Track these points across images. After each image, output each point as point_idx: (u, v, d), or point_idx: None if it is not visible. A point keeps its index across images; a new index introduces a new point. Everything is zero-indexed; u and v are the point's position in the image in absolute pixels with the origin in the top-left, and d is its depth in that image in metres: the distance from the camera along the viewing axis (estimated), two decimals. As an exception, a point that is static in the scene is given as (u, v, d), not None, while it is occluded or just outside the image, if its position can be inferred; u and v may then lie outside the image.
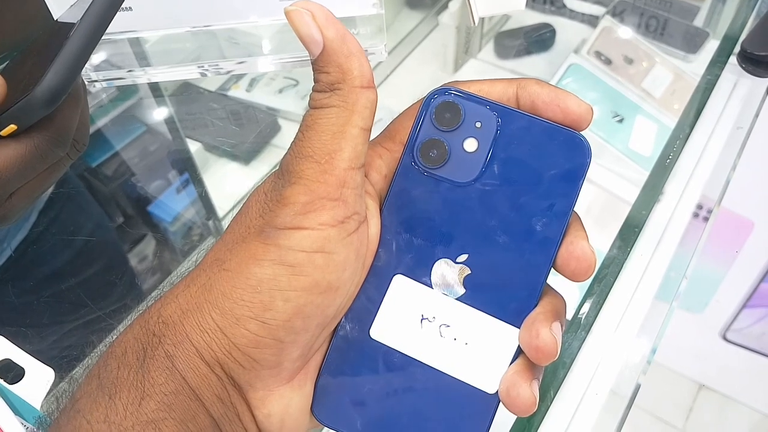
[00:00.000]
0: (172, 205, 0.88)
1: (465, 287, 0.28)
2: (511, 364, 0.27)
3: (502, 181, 0.28)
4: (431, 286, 0.28)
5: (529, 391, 0.26)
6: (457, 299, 0.28)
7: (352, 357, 0.28)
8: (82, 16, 0.32)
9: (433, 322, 0.28)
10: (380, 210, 0.29)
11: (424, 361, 0.28)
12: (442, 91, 0.29)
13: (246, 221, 0.26)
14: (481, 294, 0.28)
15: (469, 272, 0.28)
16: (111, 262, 0.74)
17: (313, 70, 0.26)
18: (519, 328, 0.27)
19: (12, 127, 0.33)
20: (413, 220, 0.28)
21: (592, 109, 0.28)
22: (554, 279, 0.29)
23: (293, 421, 0.27)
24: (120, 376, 0.24)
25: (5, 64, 0.40)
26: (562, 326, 0.27)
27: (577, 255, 0.27)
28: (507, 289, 0.28)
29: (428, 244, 0.28)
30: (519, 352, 0.27)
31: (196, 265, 0.27)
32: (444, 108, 0.28)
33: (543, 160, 0.28)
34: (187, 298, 0.25)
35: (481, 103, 0.28)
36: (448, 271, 0.28)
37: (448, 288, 0.28)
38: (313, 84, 0.27)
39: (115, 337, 0.26)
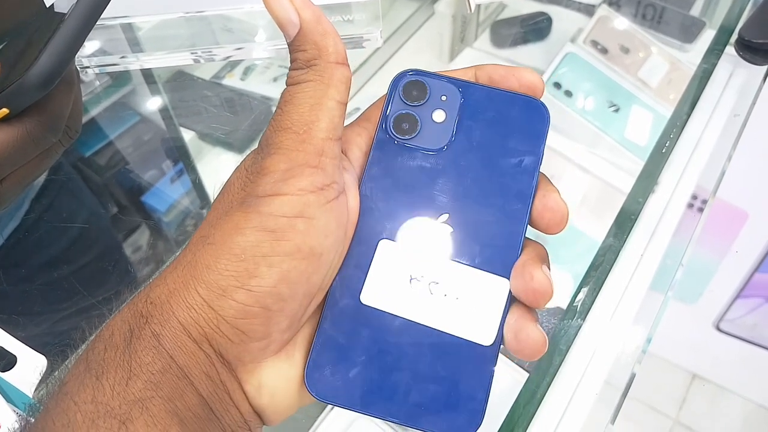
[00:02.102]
0: (167, 194, 0.87)
1: (449, 245, 0.29)
2: (504, 314, 0.28)
3: (472, 145, 0.30)
4: (416, 248, 0.29)
5: (537, 330, 0.27)
6: (442, 257, 0.29)
7: (344, 325, 0.28)
8: (77, 1, 0.32)
9: (422, 281, 0.28)
10: (359, 182, 0.30)
11: (416, 321, 0.28)
12: (408, 71, 0.31)
13: (228, 197, 0.27)
14: (465, 249, 0.28)
15: (452, 230, 0.29)
16: (104, 250, 0.74)
17: (290, 51, 0.28)
18: (507, 278, 0.28)
19: (4, 111, 0.33)
20: (392, 189, 0.29)
21: (542, 80, 0.30)
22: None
23: (284, 393, 0.27)
24: (107, 358, 0.24)
25: None
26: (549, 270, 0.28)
27: (551, 206, 0.28)
28: (490, 242, 0.28)
29: (409, 209, 0.29)
30: (510, 302, 0.28)
31: (185, 246, 0.27)
32: (411, 86, 0.31)
33: (507, 123, 0.30)
34: (174, 278, 0.26)
35: (444, 79, 0.31)
36: (431, 231, 0.29)
37: (432, 247, 0.29)
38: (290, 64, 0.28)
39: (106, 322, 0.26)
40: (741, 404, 1.40)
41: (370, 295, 0.28)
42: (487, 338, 0.27)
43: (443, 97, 0.30)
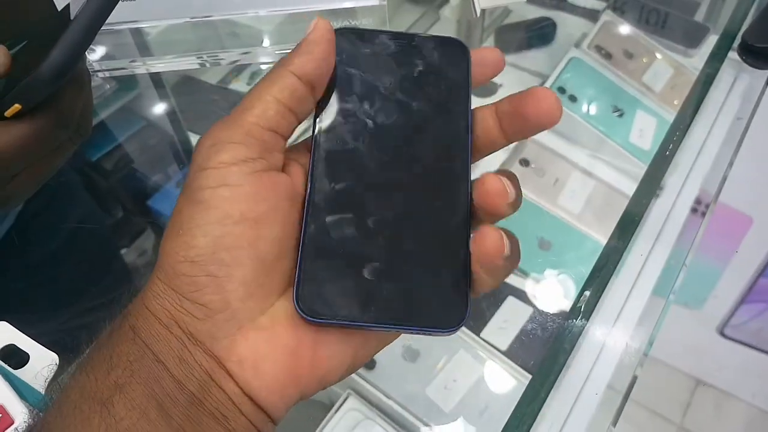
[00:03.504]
0: (173, 198, 0.88)
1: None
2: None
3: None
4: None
5: (493, 229, 0.27)
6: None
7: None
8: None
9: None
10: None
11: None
12: None
13: None
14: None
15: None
16: (106, 252, 0.75)
17: None
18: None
19: (16, 107, 0.33)
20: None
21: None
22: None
23: (272, 364, 0.27)
24: (93, 355, 0.26)
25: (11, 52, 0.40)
26: (514, 185, 0.29)
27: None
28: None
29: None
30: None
31: None
32: None
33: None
34: (150, 278, 0.27)
35: None
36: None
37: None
38: None
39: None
40: (745, 410, 1.40)
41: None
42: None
43: None
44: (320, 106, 0.31)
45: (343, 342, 0.28)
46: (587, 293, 0.49)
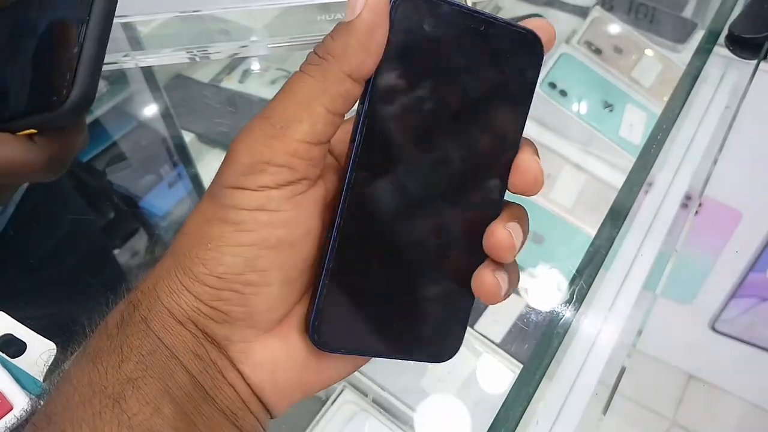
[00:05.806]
0: (168, 195, 0.88)
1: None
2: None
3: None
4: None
5: (492, 276, 0.28)
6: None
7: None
8: (91, 13, 0.31)
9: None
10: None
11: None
12: None
13: (210, 185, 0.27)
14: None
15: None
16: (106, 250, 0.75)
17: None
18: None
19: (32, 131, 0.32)
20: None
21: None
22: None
23: (285, 372, 0.27)
24: (101, 344, 0.25)
25: None
26: (522, 230, 0.29)
27: (522, 168, 0.28)
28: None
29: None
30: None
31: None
32: None
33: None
34: (159, 267, 0.26)
35: None
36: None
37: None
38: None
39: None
40: (737, 405, 1.41)
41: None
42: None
43: None
44: (363, 106, 0.27)
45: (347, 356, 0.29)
46: (579, 281, 0.49)
